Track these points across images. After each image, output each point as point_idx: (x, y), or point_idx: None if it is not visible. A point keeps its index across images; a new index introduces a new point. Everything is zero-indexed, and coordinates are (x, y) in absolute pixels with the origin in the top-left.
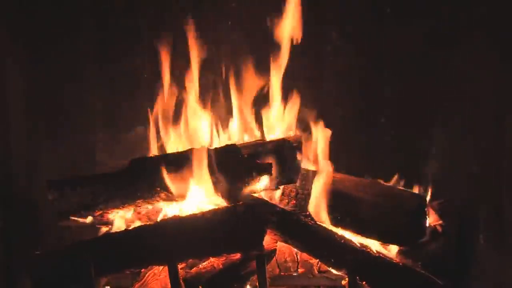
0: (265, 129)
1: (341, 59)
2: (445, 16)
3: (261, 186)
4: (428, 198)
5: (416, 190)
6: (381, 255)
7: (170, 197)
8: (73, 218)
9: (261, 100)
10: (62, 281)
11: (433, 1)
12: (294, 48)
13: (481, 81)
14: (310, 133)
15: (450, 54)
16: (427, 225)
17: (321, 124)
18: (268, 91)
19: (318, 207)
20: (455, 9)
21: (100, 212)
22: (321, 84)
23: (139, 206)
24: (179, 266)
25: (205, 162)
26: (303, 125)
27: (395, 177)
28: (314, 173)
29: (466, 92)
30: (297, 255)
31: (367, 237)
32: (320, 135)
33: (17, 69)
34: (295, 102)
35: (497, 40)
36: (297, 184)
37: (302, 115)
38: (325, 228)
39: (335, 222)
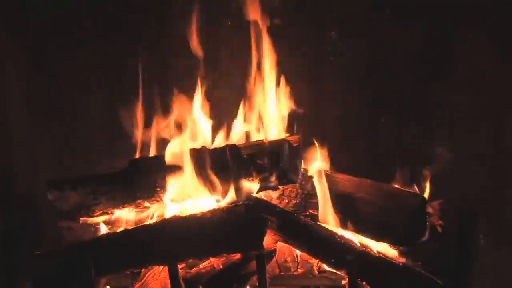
0: (265, 129)
1: (341, 59)
2: (445, 16)
3: (261, 186)
4: (428, 198)
5: (416, 190)
6: (381, 255)
7: (169, 197)
8: (73, 218)
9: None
10: (62, 281)
11: (433, 1)
12: (294, 48)
13: (481, 81)
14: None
15: (450, 54)
16: (427, 225)
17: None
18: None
19: (324, 208)
20: (455, 9)
21: (100, 212)
22: (321, 84)
23: (139, 206)
24: (179, 266)
25: (205, 162)
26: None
27: (395, 177)
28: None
29: (466, 92)
30: (297, 255)
31: (367, 237)
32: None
33: (17, 71)
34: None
35: (497, 40)
36: (297, 184)
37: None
38: (325, 228)
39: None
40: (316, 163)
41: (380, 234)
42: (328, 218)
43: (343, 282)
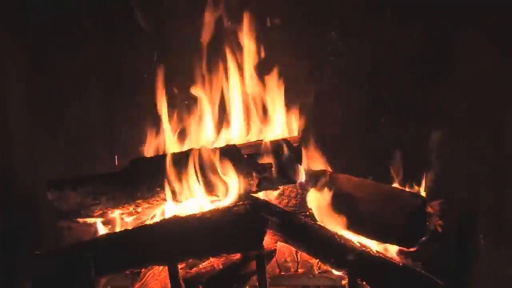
0: (264, 129)
1: (341, 59)
2: (445, 16)
3: (261, 186)
4: (428, 198)
5: (416, 190)
6: (381, 255)
7: (170, 197)
8: (73, 218)
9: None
10: (62, 281)
11: (433, 1)
12: (294, 48)
13: (481, 80)
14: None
15: (450, 54)
16: (427, 225)
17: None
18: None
19: (321, 207)
20: (455, 9)
21: (100, 212)
22: (321, 84)
23: (139, 206)
24: (179, 266)
25: (205, 162)
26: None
27: (395, 177)
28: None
29: (466, 92)
30: (297, 255)
31: (367, 237)
32: None
33: (17, 71)
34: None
35: (497, 40)
36: (297, 184)
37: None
38: (325, 228)
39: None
40: (316, 163)
41: (380, 234)
42: (328, 218)
43: (343, 282)
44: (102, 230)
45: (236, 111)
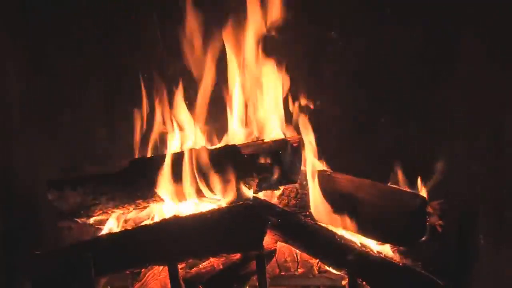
0: (264, 129)
1: (341, 58)
2: (445, 16)
3: (261, 186)
4: (428, 198)
5: (416, 190)
6: (381, 255)
7: (169, 197)
8: (73, 218)
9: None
10: (62, 281)
11: (433, 1)
12: (293, 49)
13: (481, 80)
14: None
15: (450, 54)
16: (427, 225)
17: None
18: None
19: (319, 207)
20: (455, 9)
21: (100, 212)
22: (321, 84)
23: (139, 206)
24: (179, 266)
25: (205, 162)
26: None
27: (395, 177)
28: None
29: (466, 92)
30: (297, 255)
31: (367, 237)
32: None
33: (17, 71)
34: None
35: (497, 40)
36: (297, 184)
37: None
38: (325, 228)
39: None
40: (315, 163)
41: (380, 234)
42: (326, 218)
43: (343, 282)
44: (102, 230)
45: (236, 111)
